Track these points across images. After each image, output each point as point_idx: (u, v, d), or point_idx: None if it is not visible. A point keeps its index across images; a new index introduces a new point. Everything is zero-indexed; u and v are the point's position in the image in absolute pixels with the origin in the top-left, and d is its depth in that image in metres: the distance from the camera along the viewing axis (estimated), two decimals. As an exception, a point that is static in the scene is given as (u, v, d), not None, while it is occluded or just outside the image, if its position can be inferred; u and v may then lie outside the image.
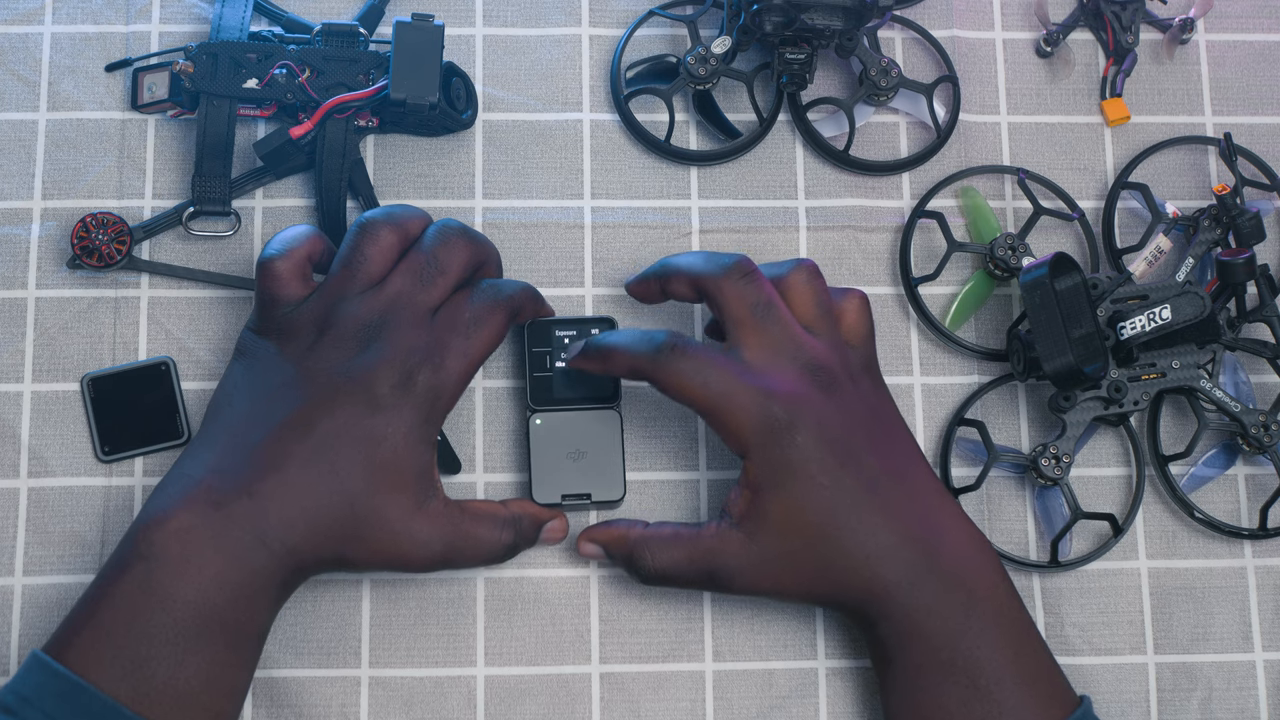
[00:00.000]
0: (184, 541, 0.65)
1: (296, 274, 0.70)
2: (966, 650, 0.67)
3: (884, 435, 0.70)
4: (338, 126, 0.77)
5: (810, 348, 0.69)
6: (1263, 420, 0.76)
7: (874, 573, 0.67)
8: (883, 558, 0.67)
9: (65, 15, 0.81)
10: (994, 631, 0.68)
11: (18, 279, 0.77)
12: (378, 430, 0.67)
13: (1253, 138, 0.83)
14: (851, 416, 0.69)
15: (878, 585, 0.67)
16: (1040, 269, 0.72)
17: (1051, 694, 0.68)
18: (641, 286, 0.74)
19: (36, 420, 0.76)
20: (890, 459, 0.69)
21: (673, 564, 0.69)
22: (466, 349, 0.69)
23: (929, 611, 0.67)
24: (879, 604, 0.68)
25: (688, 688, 0.75)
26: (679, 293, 0.72)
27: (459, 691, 0.74)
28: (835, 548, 0.67)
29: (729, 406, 0.67)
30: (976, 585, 0.68)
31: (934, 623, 0.67)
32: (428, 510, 0.68)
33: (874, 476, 0.68)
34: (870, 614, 0.68)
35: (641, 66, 0.82)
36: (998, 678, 0.67)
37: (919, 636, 0.67)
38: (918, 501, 0.69)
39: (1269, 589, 0.77)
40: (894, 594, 0.67)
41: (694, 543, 0.69)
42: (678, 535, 0.70)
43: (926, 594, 0.67)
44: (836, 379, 0.69)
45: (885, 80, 0.80)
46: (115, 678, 0.63)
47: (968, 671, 0.67)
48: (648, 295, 0.74)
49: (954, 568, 0.68)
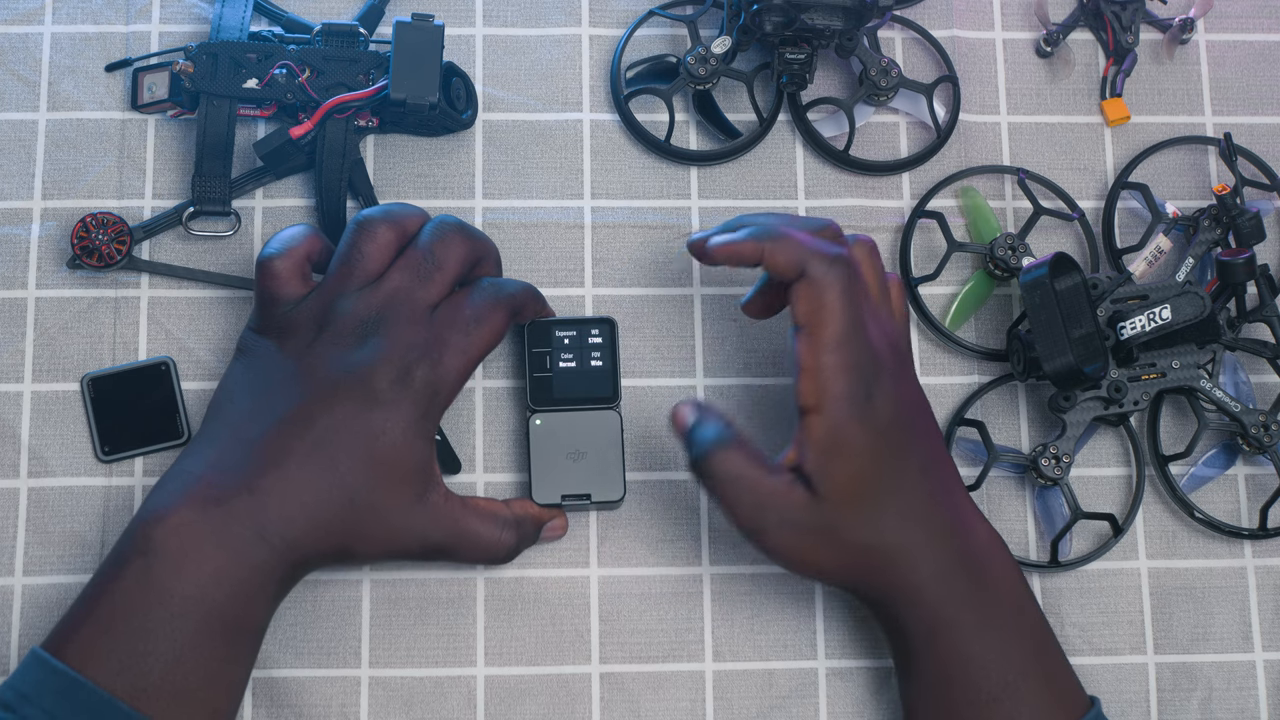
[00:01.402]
0: (183, 537, 0.65)
1: (295, 273, 0.70)
2: (993, 647, 0.67)
3: (927, 423, 0.70)
4: (338, 126, 0.77)
5: (887, 323, 0.69)
6: (1263, 420, 0.76)
7: (911, 562, 0.67)
8: (920, 548, 0.67)
9: (65, 15, 0.81)
10: (1017, 629, 0.68)
11: (18, 279, 0.77)
12: (377, 425, 0.67)
13: (1253, 138, 0.83)
14: (909, 398, 0.69)
15: (913, 575, 0.67)
16: (1040, 269, 0.72)
17: (1067, 694, 0.68)
18: (731, 250, 0.68)
19: (36, 420, 0.76)
20: (933, 448, 0.70)
21: (732, 479, 0.67)
22: (466, 346, 0.69)
23: (958, 605, 0.67)
24: (910, 594, 0.67)
25: (688, 688, 0.75)
26: (779, 268, 0.67)
27: (459, 691, 0.74)
28: (884, 530, 0.67)
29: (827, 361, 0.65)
30: (999, 583, 0.68)
31: (961, 617, 0.67)
32: (427, 503, 0.69)
33: (924, 464, 0.68)
34: (899, 602, 0.68)
35: (641, 66, 0.82)
36: (1019, 674, 0.67)
37: (946, 631, 0.67)
38: (950, 495, 0.69)
39: (1269, 589, 0.77)
40: (926, 585, 0.67)
41: (768, 475, 0.67)
42: (756, 456, 0.67)
43: (955, 588, 0.67)
44: (901, 358, 0.69)
45: (885, 80, 0.80)
46: (113, 673, 0.63)
47: (990, 668, 0.67)
48: (737, 259, 0.68)
49: (980, 564, 0.68)
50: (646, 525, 0.76)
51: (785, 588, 0.76)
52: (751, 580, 0.76)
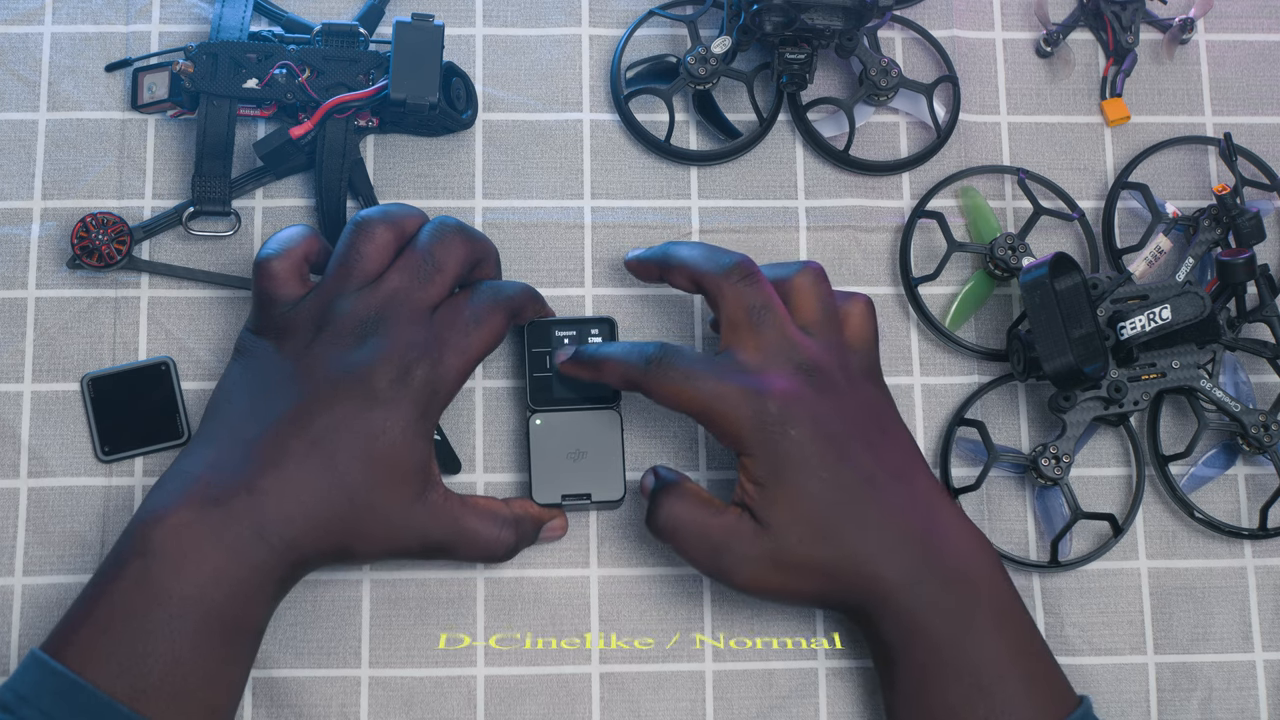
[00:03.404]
0: (182, 538, 0.65)
1: (293, 273, 0.70)
2: (969, 650, 0.67)
3: (883, 437, 0.70)
4: (338, 126, 0.77)
5: (806, 349, 0.69)
6: (1263, 420, 0.76)
7: (875, 571, 0.67)
8: (884, 556, 0.67)
9: (65, 15, 0.81)
10: (995, 631, 0.68)
11: (18, 279, 0.78)
12: (376, 424, 0.67)
13: (1253, 138, 0.83)
14: (848, 417, 0.69)
15: (880, 584, 0.67)
16: (1040, 269, 0.72)
17: (1052, 694, 0.68)
18: (641, 267, 0.74)
19: (36, 420, 0.76)
20: (889, 460, 0.69)
21: (682, 526, 0.69)
22: (465, 346, 0.69)
23: (931, 611, 0.67)
24: (881, 603, 0.68)
25: (688, 688, 0.75)
26: (678, 284, 0.72)
27: (459, 691, 0.74)
28: (838, 544, 0.67)
29: (721, 408, 0.68)
30: (978, 585, 0.68)
31: (936, 622, 0.67)
32: (427, 501, 0.69)
33: (872, 474, 0.68)
34: (872, 613, 0.68)
35: (641, 66, 0.82)
36: (999, 677, 0.67)
37: (921, 636, 0.67)
38: (918, 502, 0.69)
39: (1269, 589, 0.77)
40: (896, 593, 0.67)
41: (714, 516, 0.69)
42: (703, 502, 0.70)
43: (928, 593, 0.67)
44: (833, 380, 0.69)
45: (885, 80, 0.80)
46: (112, 675, 0.63)
47: (970, 671, 0.67)
48: (645, 275, 0.75)
49: (955, 568, 0.68)
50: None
51: (785, 588, 0.76)
52: (751, 580, 0.76)
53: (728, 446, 0.69)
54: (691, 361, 0.69)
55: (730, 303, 0.70)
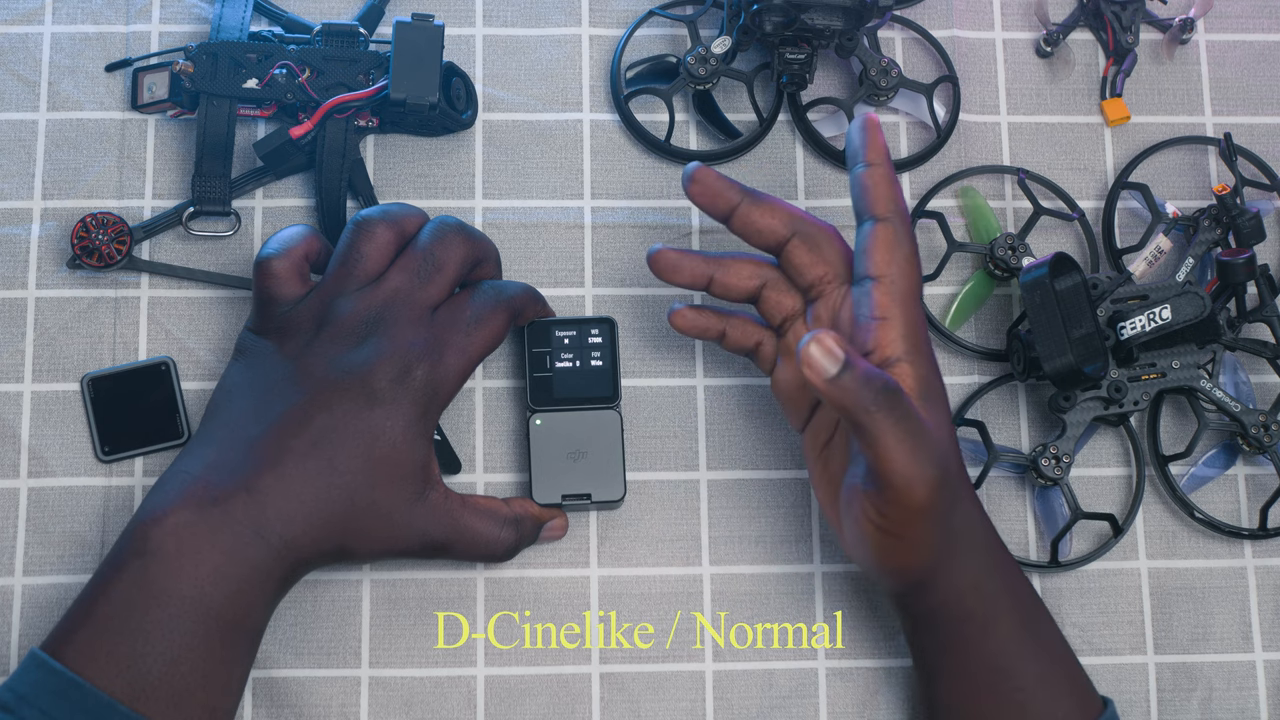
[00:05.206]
0: (181, 537, 0.65)
1: (294, 273, 0.70)
2: (1014, 654, 0.68)
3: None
4: (338, 126, 0.77)
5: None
6: (1263, 420, 0.76)
7: (962, 554, 0.67)
8: (970, 535, 0.67)
9: (65, 15, 0.81)
10: (1033, 636, 0.68)
11: (18, 279, 0.78)
12: (376, 424, 0.67)
13: (1253, 138, 0.83)
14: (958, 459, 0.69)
15: (958, 580, 0.67)
16: (1040, 269, 0.72)
17: (1080, 697, 0.69)
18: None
19: (36, 420, 0.76)
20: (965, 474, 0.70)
21: (911, 418, 0.62)
22: (466, 346, 0.69)
23: (993, 603, 0.67)
24: (953, 588, 0.67)
25: (688, 688, 0.75)
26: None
27: (459, 691, 0.74)
28: (942, 533, 0.65)
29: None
30: (1017, 590, 0.69)
31: (991, 627, 0.67)
32: (427, 501, 0.69)
33: (963, 474, 0.68)
34: (936, 612, 0.68)
35: (641, 66, 0.82)
36: (1039, 680, 0.68)
37: (975, 641, 0.67)
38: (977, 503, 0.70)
39: (1269, 589, 0.77)
40: (970, 581, 0.67)
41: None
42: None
43: (992, 585, 0.68)
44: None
45: (885, 80, 0.80)
46: (112, 674, 0.63)
47: (1013, 675, 0.67)
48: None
49: (1003, 569, 0.69)
50: (646, 525, 0.76)
51: (785, 587, 0.76)
52: (751, 580, 0.76)
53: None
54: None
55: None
